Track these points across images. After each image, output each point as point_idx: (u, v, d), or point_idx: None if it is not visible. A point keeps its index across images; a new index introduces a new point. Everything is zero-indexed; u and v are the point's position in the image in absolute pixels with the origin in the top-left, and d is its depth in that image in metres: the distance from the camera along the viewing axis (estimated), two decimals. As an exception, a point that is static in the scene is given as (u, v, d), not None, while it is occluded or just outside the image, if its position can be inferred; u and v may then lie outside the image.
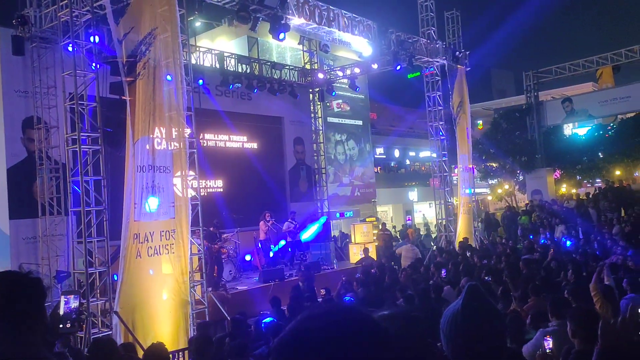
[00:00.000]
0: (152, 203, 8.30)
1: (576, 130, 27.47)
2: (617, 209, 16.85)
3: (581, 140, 24.45)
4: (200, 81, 14.45)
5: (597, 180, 24.07)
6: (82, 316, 8.00)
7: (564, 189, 24.00)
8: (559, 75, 22.11)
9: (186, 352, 7.66)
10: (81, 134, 8.53)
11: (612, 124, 23.75)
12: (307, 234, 16.37)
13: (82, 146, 8.50)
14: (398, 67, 15.73)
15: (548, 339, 4.34)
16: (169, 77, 8.64)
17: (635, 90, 20.35)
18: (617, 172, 22.35)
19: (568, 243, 12.09)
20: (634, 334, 1.73)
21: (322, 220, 17.25)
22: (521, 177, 23.99)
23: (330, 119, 21.20)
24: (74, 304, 5.10)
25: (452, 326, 1.74)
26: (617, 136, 22.62)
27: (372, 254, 16.59)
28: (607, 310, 5.11)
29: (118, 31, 8.41)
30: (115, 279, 8.34)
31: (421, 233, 21.66)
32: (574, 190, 23.54)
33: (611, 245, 12.83)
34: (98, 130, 8.67)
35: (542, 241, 14.55)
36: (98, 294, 8.43)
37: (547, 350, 4.26)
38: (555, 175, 23.40)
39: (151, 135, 8.42)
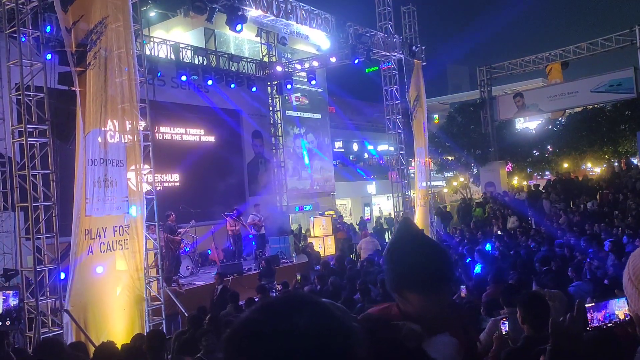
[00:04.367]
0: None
1: (527, 124, 28.38)
2: (565, 200, 17.51)
3: (531, 134, 25.30)
4: (159, 73, 14.20)
5: (547, 173, 24.94)
6: (30, 315, 7.75)
7: (515, 181, 24.77)
8: (512, 71, 22.74)
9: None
10: (28, 126, 8.17)
11: (560, 119, 24.64)
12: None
13: (29, 139, 8.15)
14: (356, 61, 15.82)
15: (505, 322, 4.49)
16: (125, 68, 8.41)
17: (582, 86, 21.15)
18: (565, 165, 23.22)
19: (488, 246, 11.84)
20: (583, 330, 1.79)
21: None
22: (475, 170, 24.61)
23: (289, 113, 21.12)
24: (14, 301, 4.87)
25: (387, 257, 1.86)
26: (565, 130, 23.50)
27: (332, 246, 16.72)
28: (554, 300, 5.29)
29: (66, 19, 8.09)
30: (62, 277, 8.07)
31: (384, 226, 21.88)
32: (525, 183, 24.32)
33: (561, 234, 13.32)
34: (46, 122, 8.34)
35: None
36: (48, 292, 8.14)
37: (504, 332, 4.40)
38: (508, 167, 24.12)
39: (103, 128, 8.16)
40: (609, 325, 1.84)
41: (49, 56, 9.46)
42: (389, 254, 1.89)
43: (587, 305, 1.88)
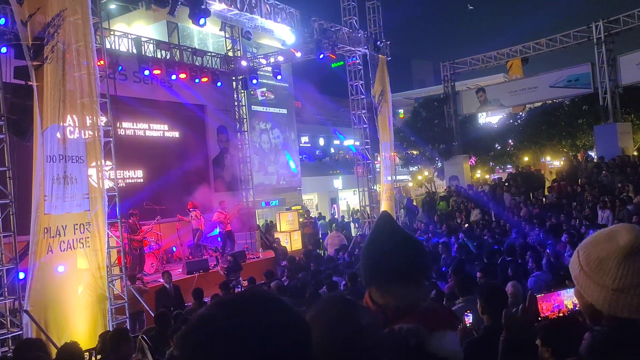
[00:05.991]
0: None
1: (489, 118, 28.97)
2: (525, 192, 17.97)
3: (494, 129, 25.83)
4: (120, 67, 13.89)
5: (508, 166, 25.50)
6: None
7: (478, 174, 25.26)
8: (474, 66, 23.14)
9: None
10: (-18, 122, 7.89)
11: (521, 113, 25.21)
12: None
13: (-16, 135, 7.88)
14: (321, 56, 15.84)
15: (468, 314, 4.57)
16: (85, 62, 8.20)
17: (541, 81, 21.68)
18: (526, 158, 23.79)
19: None
20: (535, 322, 1.87)
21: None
22: (440, 164, 24.98)
23: (255, 108, 20.97)
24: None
25: (366, 251, 1.87)
26: (525, 124, 24.06)
27: (299, 241, 16.73)
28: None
29: (22, 12, 7.83)
30: (21, 277, 7.85)
31: (345, 220, 22.08)
32: (487, 176, 24.82)
33: (524, 226, 13.68)
34: (2, 117, 8.07)
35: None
36: (6, 293, 7.90)
37: (468, 325, 4.49)
38: (471, 161, 24.56)
39: (62, 123, 7.95)
40: (558, 315, 1.91)
41: (4, 49, 9.16)
42: (369, 248, 1.88)
43: (538, 296, 1.95)
